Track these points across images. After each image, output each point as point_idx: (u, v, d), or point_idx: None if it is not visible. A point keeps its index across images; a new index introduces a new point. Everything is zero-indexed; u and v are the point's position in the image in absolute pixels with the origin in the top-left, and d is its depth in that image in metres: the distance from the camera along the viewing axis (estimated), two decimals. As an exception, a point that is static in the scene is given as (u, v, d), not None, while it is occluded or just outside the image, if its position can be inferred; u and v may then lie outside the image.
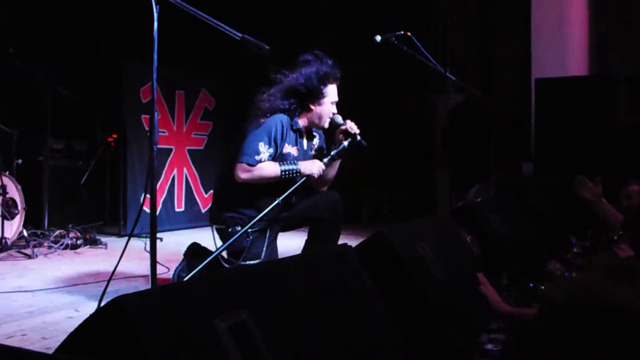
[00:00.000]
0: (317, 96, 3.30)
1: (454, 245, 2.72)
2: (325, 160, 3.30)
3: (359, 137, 3.32)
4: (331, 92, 3.33)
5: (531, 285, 2.86)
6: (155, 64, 2.29)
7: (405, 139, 7.12)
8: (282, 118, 3.26)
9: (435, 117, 6.86)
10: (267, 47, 2.57)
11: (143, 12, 2.37)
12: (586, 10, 6.14)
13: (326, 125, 3.37)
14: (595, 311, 1.07)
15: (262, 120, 3.23)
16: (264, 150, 3.19)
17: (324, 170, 3.30)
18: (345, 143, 3.32)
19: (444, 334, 2.08)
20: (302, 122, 3.36)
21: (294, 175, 3.24)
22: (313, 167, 3.25)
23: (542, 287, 2.71)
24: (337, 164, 3.45)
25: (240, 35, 2.54)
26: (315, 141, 3.51)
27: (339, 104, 3.40)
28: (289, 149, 3.31)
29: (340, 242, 3.34)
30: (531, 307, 2.33)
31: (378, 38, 3.67)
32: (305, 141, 3.42)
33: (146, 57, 2.36)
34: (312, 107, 3.33)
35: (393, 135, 7.09)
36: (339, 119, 3.37)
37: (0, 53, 5.34)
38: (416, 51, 3.76)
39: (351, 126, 3.33)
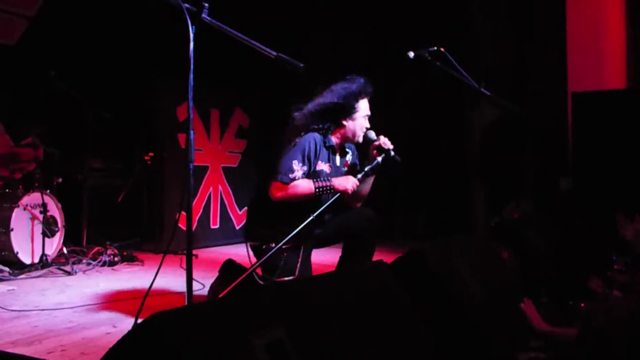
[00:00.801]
0: (349, 111, 3.32)
1: (491, 263, 2.68)
2: (359, 176, 3.30)
3: (392, 153, 3.32)
4: (363, 106, 3.36)
5: (571, 303, 2.79)
6: (191, 83, 2.31)
7: (440, 155, 7.06)
8: (316, 136, 3.29)
9: (471, 133, 6.79)
10: (301, 65, 2.58)
11: (179, 29, 2.40)
12: (624, 20, 6.03)
13: (360, 139, 3.38)
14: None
15: (296, 138, 3.27)
16: (298, 168, 3.21)
17: (357, 187, 3.30)
18: (379, 159, 3.31)
19: (482, 352, 2.03)
20: (335, 138, 3.39)
21: (328, 191, 3.24)
22: (347, 183, 3.25)
23: (583, 305, 2.64)
24: (370, 180, 3.45)
25: (274, 53, 2.56)
26: (348, 157, 3.52)
27: (371, 120, 3.41)
28: (322, 166, 3.33)
29: (375, 258, 3.31)
30: (571, 326, 2.27)
31: (411, 54, 3.66)
32: (338, 158, 3.43)
33: (181, 76, 2.39)
34: (345, 122, 3.35)
35: (428, 152, 7.03)
36: (372, 134, 3.38)
37: (42, 76, 5.47)
38: (450, 67, 3.74)
39: (385, 142, 3.33)
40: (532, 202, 5.42)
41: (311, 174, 3.27)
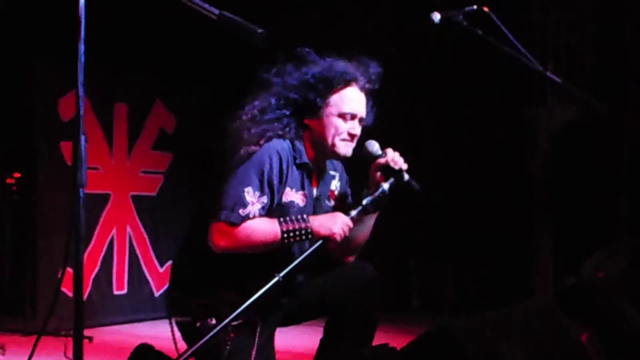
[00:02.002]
0: (313, 105, 3.37)
1: (560, 348, 2.70)
2: (353, 213, 3.31)
3: (406, 176, 3.35)
4: (338, 99, 3.38)
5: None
6: (82, 58, 2.32)
7: (481, 177, 7.10)
8: (280, 147, 3.31)
9: (532, 143, 6.85)
10: (260, 31, 2.59)
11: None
12: None
13: (340, 150, 3.39)
14: None
15: (249, 151, 3.28)
16: (253, 200, 3.22)
17: (350, 230, 3.31)
18: (386, 186, 3.33)
19: None
20: (308, 151, 3.42)
21: (303, 237, 3.25)
22: (333, 225, 3.26)
23: None
24: (371, 219, 3.47)
25: (216, 12, 2.56)
26: (334, 183, 3.55)
27: (372, 127, 3.46)
28: (292, 196, 3.35)
29: (376, 341, 3.32)
30: None
31: (436, 17, 3.66)
32: (315, 183, 3.47)
33: (67, 57, 2.41)
34: (309, 122, 3.40)
35: (462, 172, 7.08)
36: (374, 147, 3.41)
37: None
38: (498, 38, 3.78)
39: (394, 158, 3.35)
40: (628, 255, 5.46)
41: (275, 208, 3.29)
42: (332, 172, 3.54)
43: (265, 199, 3.25)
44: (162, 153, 6.72)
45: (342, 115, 3.37)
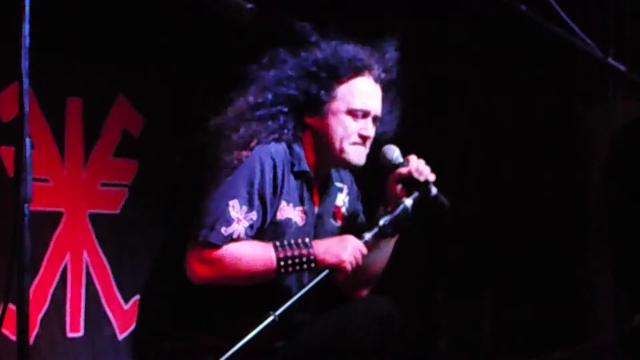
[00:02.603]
0: (315, 100, 3.37)
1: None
2: (368, 236, 3.32)
3: (434, 190, 3.36)
4: (347, 92, 3.38)
5: None
6: (26, 44, 2.32)
7: (525, 191, 7.12)
8: (274, 150, 3.31)
9: (587, 147, 6.86)
10: (249, 6, 2.60)
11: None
12: None
13: (351, 157, 3.39)
14: None
15: (236, 157, 3.27)
16: (239, 217, 3.22)
17: (364, 258, 3.31)
18: (408, 202, 3.35)
19: None
20: (309, 156, 3.42)
21: (304, 267, 3.26)
22: (343, 251, 3.26)
23: None
24: (389, 244, 3.49)
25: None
26: (341, 198, 3.56)
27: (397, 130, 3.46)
28: (289, 212, 3.36)
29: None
30: None
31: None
32: (316, 197, 3.48)
33: (6, 40, 2.41)
34: (312, 120, 3.41)
35: (501, 185, 7.09)
36: (393, 153, 3.43)
37: None
38: (545, 14, 3.78)
39: (419, 168, 3.37)
40: None
41: (267, 228, 3.30)
42: (338, 184, 3.55)
43: (254, 215, 3.24)
44: (126, 160, 6.71)
45: (351, 112, 3.37)
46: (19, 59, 2.36)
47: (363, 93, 3.39)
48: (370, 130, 3.39)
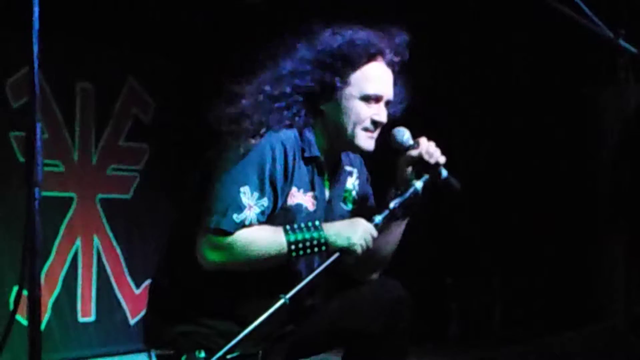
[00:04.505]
0: (329, 86, 3.35)
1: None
2: (378, 219, 3.31)
3: (444, 172, 3.35)
4: (361, 77, 3.37)
5: None
6: (36, 28, 2.31)
7: (535, 173, 7.10)
8: (285, 137, 3.31)
9: (597, 131, 6.83)
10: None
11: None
12: None
13: (361, 143, 3.39)
14: None
15: (246, 144, 3.27)
16: (251, 203, 3.21)
17: (374, 241, 3.30)
18: (418, 184, 3.34)
19: None
20: (319, 141, 3.42)
21: (315, 250, 3.25)
22: (353, 234, 3.26)
23: None
24: (400, 226, 3.48)
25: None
26: (351, 182, 3.55)
27: (408, 112, 3.45)
28: (299, 198, 3.35)
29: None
30: None
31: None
32: (329, 182, 3.48)
33: (16, 25, 2.41)
34: (325, 107, 3.40)
35: (512, 167, 7.07)
36: (403, 135, 3.41)
37: None
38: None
39: (429, 150, 3.35)
40: None
41: (279, 213, 3.29)
42: (348, 168, 3.54)
43: (265, 202, 3.23)
44: (136, 145, 6.72)
45: (365, 98, 3.36)
46: (29, 43, 2.35)
47: (376, 78, 3.38)
48: (383, 115, 3.38)
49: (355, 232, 3.26)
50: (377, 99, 3.36)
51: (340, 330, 3.42)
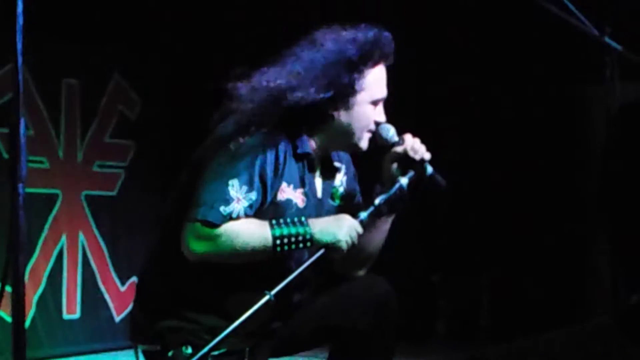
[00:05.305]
0: (345, 92, 3.34)
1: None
2: (364, 215, 3.31)
3: (430, 169, 3.35)
4: (372, 81, 3.37)
5: None
6: (20, 21, 2.31)
7: (522, 170, 7.11)
8: (277, 135, 3.30)
9: (585, 129, 6.84)
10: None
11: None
12: None
13: (363, 144, 3.40)
14: None
15: (236, 141, 3.27)
16: (239, 196, 3.21)
17: (360, 237, 3.31)
18: (404, 181, 3.33)
19: None
20: (313, 141, 3.41)
21: (300, 246, 3.25)
22: (339, 230, 3.26)
23: None
24: (386, 223, 3.47)
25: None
26: (339, 179, 3.55)
27: (390, 108, 3.45)
28: (289, 193, 3.35)
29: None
30: None
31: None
32: (319, 178, 3.47)
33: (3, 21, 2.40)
34: (336, 113, 3.37)
35: (499, 164, 7.08)
36: (389, 132, 3.41)
37: None
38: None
39: (414, 146, 3.35)
40: None
41: (267, 208, 3.29)
42: (336, 164, 3.54)
43: (254, 195, 3.23)
44: (122, 142, 6.71)
45: (374, 102, 3.39)
46: (13, 39, 2.34)
47: (382, 81, 3.41)
48: (383, 115, 3.41)
49: (341, 229, 3.26)
50: (381, 102, 3.41)
51: (327, 327, 3.42)
